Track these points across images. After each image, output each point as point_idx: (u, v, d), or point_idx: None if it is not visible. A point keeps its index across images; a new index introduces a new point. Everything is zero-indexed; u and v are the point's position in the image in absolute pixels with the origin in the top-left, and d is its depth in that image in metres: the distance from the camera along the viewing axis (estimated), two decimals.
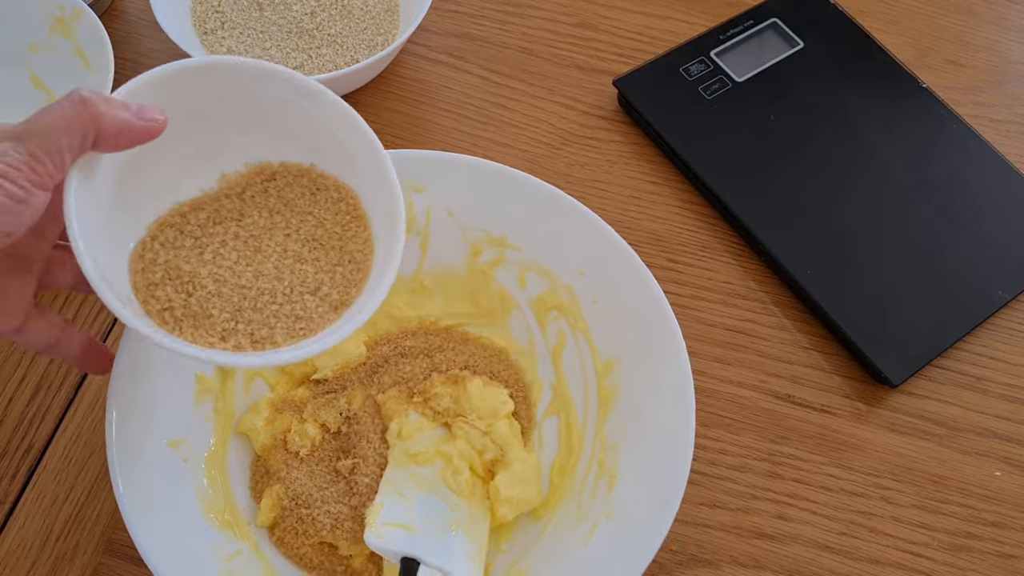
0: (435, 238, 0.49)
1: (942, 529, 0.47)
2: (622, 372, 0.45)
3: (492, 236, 0.48)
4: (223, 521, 0.42)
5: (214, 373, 0.45)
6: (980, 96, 0.61)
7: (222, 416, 0.45)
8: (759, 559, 0.46)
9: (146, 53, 0.60)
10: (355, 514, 0.43)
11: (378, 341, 0.49)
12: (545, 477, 0.46)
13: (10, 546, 0.45)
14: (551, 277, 0.48)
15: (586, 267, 0.47)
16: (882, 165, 0.56)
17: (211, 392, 0.45)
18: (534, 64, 0.61)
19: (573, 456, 0.45)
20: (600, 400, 0.46)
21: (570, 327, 0.47)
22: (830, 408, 0.50)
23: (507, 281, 0.49)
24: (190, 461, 0.42)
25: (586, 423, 0.46)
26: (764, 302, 0.53)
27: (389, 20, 0.59)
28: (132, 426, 0.41)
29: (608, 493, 0.42)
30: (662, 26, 0.63)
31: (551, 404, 0.47)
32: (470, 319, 0.50)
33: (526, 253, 0.48)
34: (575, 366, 0.47)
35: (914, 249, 0.53)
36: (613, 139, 0.58)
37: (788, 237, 0.53)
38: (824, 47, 0.60)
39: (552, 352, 0.48)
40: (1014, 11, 0.65)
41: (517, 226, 0.48)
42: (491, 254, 0.49)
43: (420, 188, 0.48)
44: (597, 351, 0.46)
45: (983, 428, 0.49)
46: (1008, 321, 0.52)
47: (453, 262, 0.49)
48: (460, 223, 0.48)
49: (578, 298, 0.47)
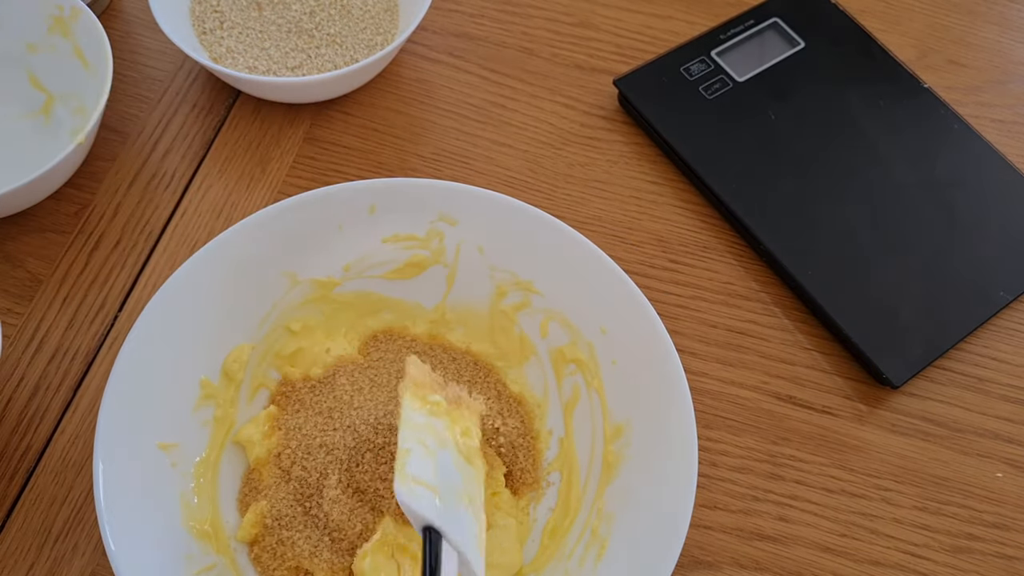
0: (462, 273, 0.49)
1: (943, 530, 0.46)
2: (630, 440, 0.44)
3: (519, 279, 0.48)
4: (202, 532, 0.41)
5: (220, 379, 0.45)
6: (982, 96, 0.61)
7: (222, 424, 0.45)
8: (760, 561, 0.45)
9: (145, 53, 0.60)
10: (335, 546, 0.42)
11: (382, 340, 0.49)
12: (537, 534, 0.44)
13: (8, 548, 0.45)
14: (573, 330, 0.47)
15: (610, 326, 0.46)
16: (883, 165, 0.56)
17: (213, 399, 0.44)
18: (534, 64, 0.61)
19: (568, 518, 0.44)
20: (604, 464, 0.44)
21: (585, 384, 0.47)
22: (831, 409, 0.50)
23: (529, 327, 0.48)
24: (179, 466, 0.42)
25: (587, 485, 0.45)
26: (765, 303, 0.53)
27: (389, 20, 0.59)
28: (123, 421, 0.40)
29: (595, 563, 0.41)
30: (662, 26, 0.63)
31: (556, 459, 0.46)
32: (488, 358, 0.49)
33: (551, 302, 0.47)
34: (585, 424, 0.46)
35: (915, 250, 0.53)
36: (613, 139, 0.58)
37: (789, 237, 0.53)
38: (825, 47, 0.60)
39: (565, 406, 0.47)
40: (1016, 11, 0.65)
41: (546, 273, 0.47)
42: (516, 297, 0.48)
43: (454, 221, 0.48)
44: (609, 413, 0.45)
45: (984, 429, 0.49)
46: (1010, 322, 0.52)
47: (478, 300, 0.49)
48: (489, 261, 0.48)
49: (597, 356, 0.46)
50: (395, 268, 0.49)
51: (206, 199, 0.55)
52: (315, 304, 0.48)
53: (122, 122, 0.57)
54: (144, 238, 0.53)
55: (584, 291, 0.47)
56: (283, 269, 0.47)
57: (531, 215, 0.47)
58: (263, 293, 0.47)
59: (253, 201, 0.55)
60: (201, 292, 0.45)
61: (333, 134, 0.57)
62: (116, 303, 0.51)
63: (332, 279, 0.48)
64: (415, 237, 0.48)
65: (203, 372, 0.45)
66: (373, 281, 0.49)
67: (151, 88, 0.59)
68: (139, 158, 0.56)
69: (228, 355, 0.46)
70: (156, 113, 0.58)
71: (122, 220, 0.54)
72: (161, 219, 0.54)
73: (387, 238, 0.48)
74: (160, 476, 0.41)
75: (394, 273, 0.49)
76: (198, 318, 0.45)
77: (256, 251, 0.46)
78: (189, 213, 0.54)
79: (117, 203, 0.54)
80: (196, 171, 0.56)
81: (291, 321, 0.48)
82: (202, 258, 0.45)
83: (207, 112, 0.58)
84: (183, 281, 0.44)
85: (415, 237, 0.48)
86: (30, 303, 0.51)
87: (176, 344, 0.44)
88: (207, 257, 0.45)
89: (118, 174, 0.56)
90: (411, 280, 0.49)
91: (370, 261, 0.48)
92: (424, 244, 0.48)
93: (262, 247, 0.46)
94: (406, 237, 0.48)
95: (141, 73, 0.60)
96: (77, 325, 0.50)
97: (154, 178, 0.56)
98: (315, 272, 0.48)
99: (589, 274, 0.46)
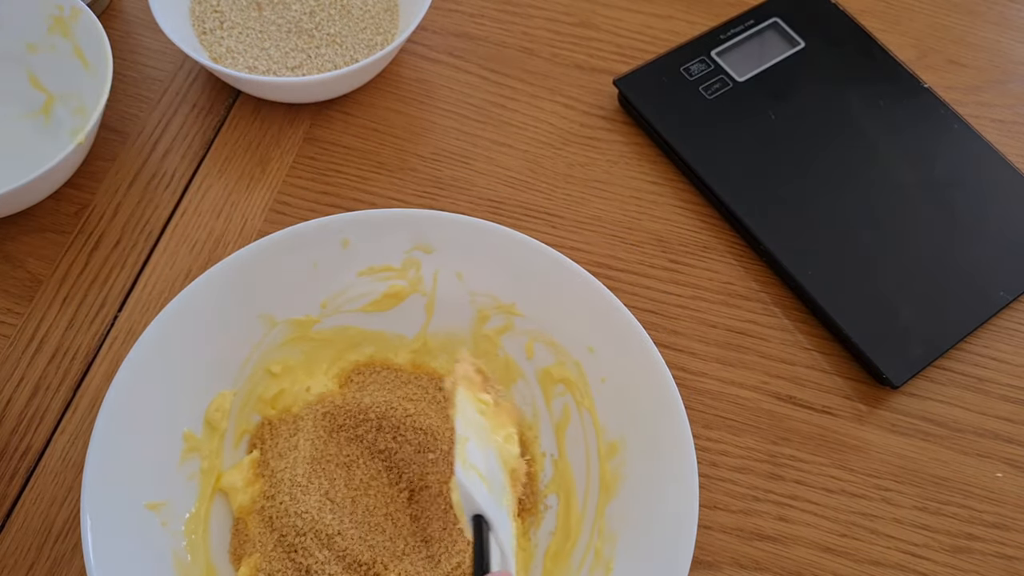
0: (442, 301, 0.48)
1: (943, 531, 0.46)
2: (626, 457, 0.43)
3: (501, 303, 0.47)
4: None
5: (203, 430, 0.44)
6: (982, 96, 0.61)
7: (208, 476, 0.44)
8: (760, 561, 0.45)
9: (145, 53, 0.60)
10: None
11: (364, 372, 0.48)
12: (539, 560, 0.43)
13: (8, 548, 0.44)
14: (559, 350, 0.47)
15: (596, 344, 0.45)
16: (883, 165, 0.56)
17: (198, 451, 0.44)
18: (534, 64, 0.61)
19: (570, 541, 0.43)
20: (602, 483, 0.44)
21: (576, 404, 0.46)
22: (831, 409, 0.50)
23: (513, 350, 0.48)
24: (169, 524, 0.41)
25: (586, 506, 0.44)
26: (765, 303, 0.53)
27: (389, 20, 0.59)
28: (108, 484, 0.39)
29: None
30: (663, 25, 0.63)
31: (552, 481, 0.46)
32: None
33: (535, 323, 0.47)
34: (579, 445, 0.45)
35: (915, 250, 0.53)
36: (613, 139, 0.58)
37: (789, 237, 0.53)
38: (825, 47, 0.60)
39: (556, 427, 0.47)
40: (1016, 11, 0.65)
41: (527, 294, 0.47)
42: (499, 321, 0.48)
43: (429, 249, 0.47)
44: (602, 431, 0.45)
45: (984, 429, 0.49)
46: (1010, 322, 0.52)
47: (459, 326, 0.48)
48: (468, 287, 0.48)
49: (586, 375, 0.46)
50: (373, 300, 0.48)
51: (206, 199, 0.55)
52: (295, 344, 0.47)
53: (122, 122, 0.57)
54: (144, 238, 0.53)
55: (567, 310, 0.46)
56: (259, 312, 0.46)
57: (506, 237, 0.46)
58: (241, 338, 0.46)
59: (253, 201, 0.55)
60: (176, 345, 0.43)
61: (333, 134, 0.57)
62: (116, 303, 0.51)
63: (310, 317, 0.47)
64: (391, 268, 0.48)
65: (185, 425, 0.43)
66: (352, 315, 0.48)
67: (151, 88, 0.59)
68: (139, 158, 0.56)
69: (210, 404, 0.45)
70: (156, 113, 0.58)
71: (122, 220, 0.54)
72: (161, 219, 0.54)
73: (363, 271, 0.47)
74: (150, 536, 0.40)
75: (372, 305, 0.48)
76: (175, 371, 0.43)
77: (230, 297, 0.45)
78: (189, 213, 0.54)
79: (117, 203, 0.54)
80: (196, 171, 0.56)
81: (271, 364, 0.47)
82: (174, 310, 0.43)
83: (207, 112, 0.58)
84: (157, 335, 0.43)
85: (391, 268, 0.48)
86: (30, 303, 0.51)
87: (155, 400, 0.42)
88: (179, 308, 0.44)
89: (118, 174, 0.56)
90: (390, 311, 0.49)
91: (347, 296, 0.48)
92: (401, 274, 0.48)
93: (236, 292, 0.45)
94: (382, 268, 0.48)
95: (141, 73, 0.60)
96: (77, 325, 0.50)
97: (154, 178, 0.56)
98: (292, 312, 0.47)
99: (571, 293, 0.46)
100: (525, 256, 0.47)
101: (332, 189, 0.55)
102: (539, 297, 0.47)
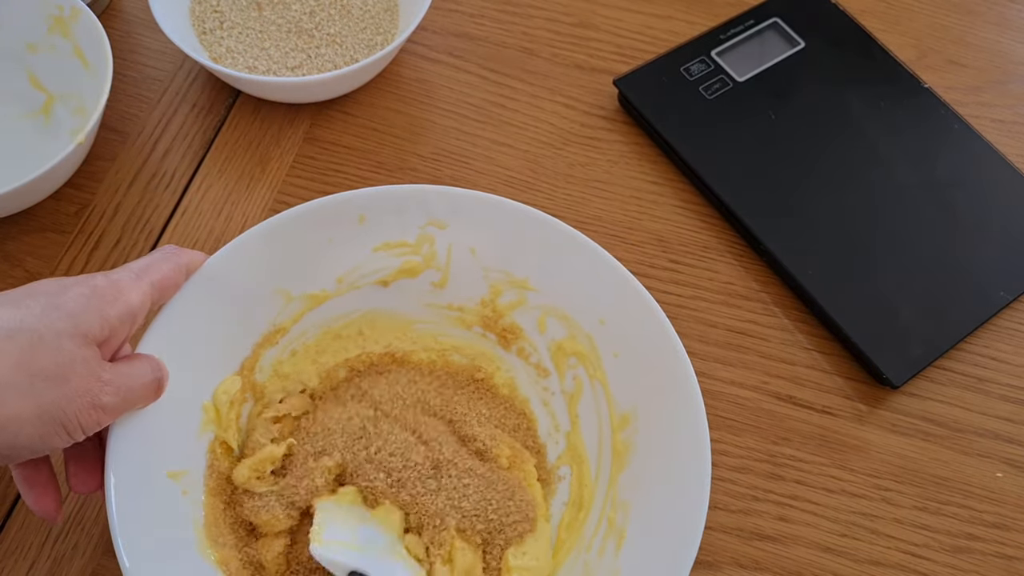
0: (455, 276, 0.48)
1: (943, 530, 0.46)
2: (638, 427, 0.44)
3: (514, 278, 0.48)
4: (220, 557, 0.41)
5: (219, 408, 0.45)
6: (982, 96, 0.61)
7: (227, 448, 0.44)
8: (760, 561, 0.45)
9: (145, 53, 0.60)
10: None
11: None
12: (553, 530, 0.44)
13: (8, 547, 0.44)
14: (572, 324, 0.47)
15: (608, 317, 0.46)
16: (883, 165, 0.56)
17: (215, 424, 0.44)
18: (534, 64, 0.61)
19: (583, 511, 0.44)
20: (614, 454, 0.44)
21: (588, 376, 0.46)
22: (831, 409, 0.50)
23: (526, 324, 0.48)
24: (191, 494, 0.41)
25: (598, 477, 0.44)
26: (765, 303, 0.53)
27: (388, 20, 0.59)
28: (132, 454, 0.40)
29: (616, 553, 0.41)
30: (663, 26, 0.63)
31: (564, 454, 0.46)
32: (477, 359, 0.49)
33: (548, 297, 0.47)
34: (591, 417, 0.46)
35: (915, 250, 0.53)
36: (613, 139, 0.58)
37: (789, 237, 0.53)
38: (825, 47, 0.60)
39: (568, 400, 0.47)
40: (1016, 11, 0.65)
41: (540, 269, 0.47)
42: (512, 296, 0.48)
43: (443, 224, 0.47)
44: (614, 403, 0.45)
45: (985, 429, 0.49)
46: (1010, 322, 0.52)
47: (472, 302, 0.49)
48: (482, 263, 0.48)
49: (598, 347, 0.46)
50: (388, 275, 0.48)
51: (206, 199, 0.55)
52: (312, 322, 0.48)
53: (122, 122, 0.57)
54: (144, 238, 0.53)
55: (579, 284, 0.46)
56: (276, 287, 0.46)
57: (520, 212, 0.47)
58: (258, 312, 0.46)
59: (253, 200, 0.55)
60: (196, 318, 0.44)
61: (333, 134, 0.57)
62: None
63: (326, 292, 0.47)
64: (406, 243, 0.48)
65: (205, 397, 0.44)
66: (368, 290, 0.48)
67: (151, 88, 0.59)
68: (139, 158, 0.56)
69: (218, 387, 0.45)
70: (156, 113, 0.58)
71: (122, 220, 0.54)
72: (161, 219, 0.54)
73: (378, 247, 0.48)
74: (173, 504, 0.41)
75: (387, 281, 0.49)
76: (196, 345, 0.44)
77: (248, 271, 0.45)
78: (189, 213, 0.54)
79: (117, 203, 0.54)
80: (196, 171, 0.56)
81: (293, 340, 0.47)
82: (194, 283, 0.44)
83: (207, 112, 0.58)
84: (177, 310, 0.43)
85: (406, 243, 0.48)
86: None
87: (176, 372, 0.42)
88: (199, 282, 0.44)
89: (118, 174, 0.56)
90: (408, 280, 0.49)
91: (362, 271, 0.48)
92: (415, 250, 0.48)
93: (255, 267, 0.45)
94: (397, 244, 0.48)
95: (141, 73, 0.60)
96: None
97: (154, 178, 0.56)
98: (308, 287, 0.47)
99: (583, 266, 0.46)
100: (538, 231, 0.47)
101: (332, 189, 0.55)
102: (551, 272, 0.47)
